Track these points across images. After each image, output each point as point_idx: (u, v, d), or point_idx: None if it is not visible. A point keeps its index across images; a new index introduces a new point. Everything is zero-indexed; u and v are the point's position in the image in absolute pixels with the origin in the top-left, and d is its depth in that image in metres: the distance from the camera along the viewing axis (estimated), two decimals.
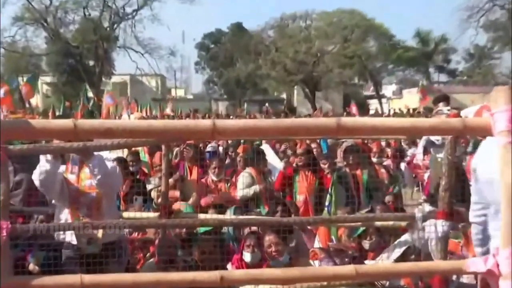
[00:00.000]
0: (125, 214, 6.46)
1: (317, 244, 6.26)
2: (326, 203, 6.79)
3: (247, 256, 5.91)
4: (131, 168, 8.87)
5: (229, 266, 5.95)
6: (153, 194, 7.90)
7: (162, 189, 6.31)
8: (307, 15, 62.93)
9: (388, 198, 7.26)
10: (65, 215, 5.87)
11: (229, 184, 8.72)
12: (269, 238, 5.90)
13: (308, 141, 10.15)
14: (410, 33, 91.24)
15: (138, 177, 8.78)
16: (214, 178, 8.70)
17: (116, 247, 5.84)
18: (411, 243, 5.48)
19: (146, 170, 9.84)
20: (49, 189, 5.94)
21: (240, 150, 10.81)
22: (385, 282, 5.38)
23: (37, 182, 5.85)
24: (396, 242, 5.71)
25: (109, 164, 6.01)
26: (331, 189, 6.84)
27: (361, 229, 6.09)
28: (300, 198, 8.15)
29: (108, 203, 5.94)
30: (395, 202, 7.53)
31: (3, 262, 2.83)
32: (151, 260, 6.55)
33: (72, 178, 5.95)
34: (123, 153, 9.74)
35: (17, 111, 16.36)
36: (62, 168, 5.94)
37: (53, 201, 6.11)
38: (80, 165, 5.94)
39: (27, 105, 23.24)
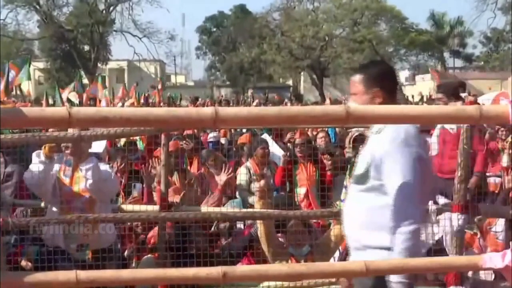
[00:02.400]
0: (124, 207, 6.49)
1: None
2: (342, 197, 6.79)
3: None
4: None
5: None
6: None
7: (162, 180, 6.32)
8: None
9: None
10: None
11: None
12: (295, 223, 6.06)
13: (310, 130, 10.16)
14: (423, 15, 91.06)
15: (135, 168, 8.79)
16: (212, 170, 8.72)
17: (107, 254, 5.85)
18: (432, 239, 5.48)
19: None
20: (41, 191, 5.93)
21: (242, 140, 10.80)
22: None
23: (29, 182, 5.85)
24: None
25: (104, 168, 6.01)
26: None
27: None
28: (301, 191, 8.12)
29: (102, 207, 5.93)
30: None
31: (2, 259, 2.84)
32: (149, 255, 6.57)
33: (66, 179, 5.92)
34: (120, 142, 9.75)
35: (6, 101, 16.33)
36: (56, 167, 5.92)
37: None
38: (74, 166, 5.91)
39: (13, 92, 23.15)
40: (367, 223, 3.79)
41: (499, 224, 6.11)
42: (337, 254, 6.16)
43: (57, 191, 5.84)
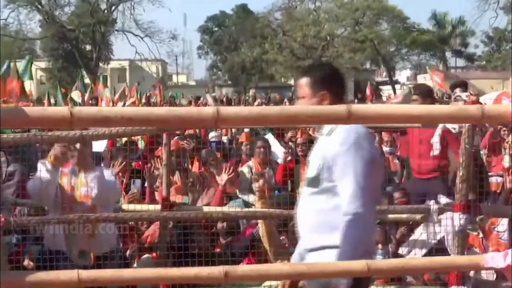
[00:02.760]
0: (125, 207, 6.48)
1: None
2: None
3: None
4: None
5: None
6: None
7: (163, 179, 6.32)
8: None
9: (397, 195, 7.16)
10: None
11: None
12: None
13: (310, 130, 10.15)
14: (425, 15, 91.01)
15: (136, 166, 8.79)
16: (213, 170, 8.72)
17: (109, 254, 5.85)
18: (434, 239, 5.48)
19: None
20: (43, 199, 5.92)
21: (242, 138, 10.79)
22: None
23: (32, 191, 5.84)
24: (417, 237, 5.70)
25: (107, 174, 6.01)
26: None
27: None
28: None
29: (103, 211, 5.91)
30: (405, 197, 7.46)
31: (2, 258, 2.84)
32: (147, 255, 6.56)
33: (67, 185, 5.89)
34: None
35: (8, 101, 16.33)
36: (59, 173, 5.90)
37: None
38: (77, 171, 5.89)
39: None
40: (320, 225, 3.80)
41: (502, 224, 6.11)
42: None
43: (58, 197, 5.82)
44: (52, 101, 21.71)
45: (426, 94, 8.20)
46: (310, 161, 3.94)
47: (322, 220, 3.79)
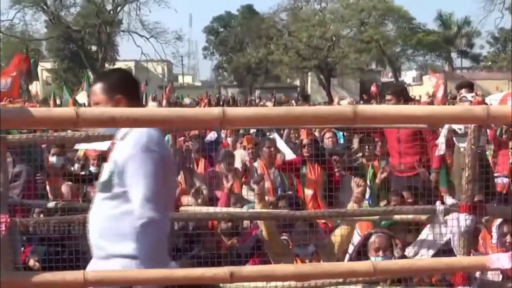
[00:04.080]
0: None
1: (357, 237, 6.25)
2: (367, 196, 6.82)
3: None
4: None
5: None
6: None
7: None
8: None
9: (406, 195, 7.21)
10: None
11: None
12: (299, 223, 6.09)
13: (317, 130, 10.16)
14: (431, 16, 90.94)
15: None
16: (223, 170, 8.69)
17: None
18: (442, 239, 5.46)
19: None
20: None
21: (245, 142, 10.74)
22: None
23: None
24: (424, 238, 5.68)
25: None
26: (371, 182, 6.90)
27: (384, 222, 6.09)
28: (308, 192, 8.10)
29: None
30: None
31: (2, 258, 2.84)
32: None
33: None
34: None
35: (15, 101, 16.36)
36: None
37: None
38: None
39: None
40: (111, 231, 3.73)
41: (495, 226, 6.12)
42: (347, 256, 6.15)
43: None
44: (58, 101, 21.72)
45: (399, 94, 8.41)
46: (104, 167, 3.87)
47: (112, 226, 3.73)
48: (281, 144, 9.63)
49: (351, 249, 6.11)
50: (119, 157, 3.72)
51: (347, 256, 6.12)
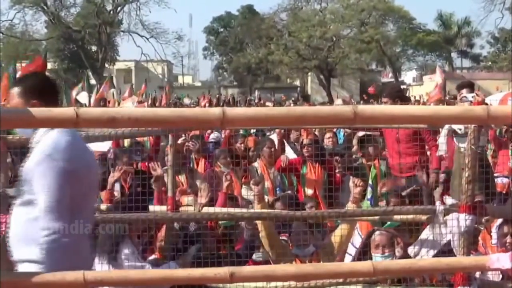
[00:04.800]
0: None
1: (358, 237, 6.26)
2: (368, 196, 6.80)
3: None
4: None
5: None
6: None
7: (169, 180, 6.31)
8: None
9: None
10: None
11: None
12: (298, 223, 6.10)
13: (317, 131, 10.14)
14: (431, 16, 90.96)
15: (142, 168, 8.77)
16: (224, 170, 8.68)
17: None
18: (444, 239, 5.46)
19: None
20: None
21: (250, 144, 10.70)
22: None
23: None
24: (424, 238, 5.68)
25: None
26: (372, 182, 6.88)
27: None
28: (308, 192, 8.10)
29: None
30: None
31: (2, 258, 2.84)
32: (153, 256, 6.55)
33: None
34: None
35: None
36: None
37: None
38: None
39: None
40: (20, 237, 3.74)
41: (495, 226, 6.12)
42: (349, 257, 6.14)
43: None
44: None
45: (395, 95, 8.33)
46: (22, 172, 3.87)
47: (23, 232, 3.74)
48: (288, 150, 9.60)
49: (350, 249, 6.10)
50: (29, 163, 3.75)
51: (347, 256, 6.11)
